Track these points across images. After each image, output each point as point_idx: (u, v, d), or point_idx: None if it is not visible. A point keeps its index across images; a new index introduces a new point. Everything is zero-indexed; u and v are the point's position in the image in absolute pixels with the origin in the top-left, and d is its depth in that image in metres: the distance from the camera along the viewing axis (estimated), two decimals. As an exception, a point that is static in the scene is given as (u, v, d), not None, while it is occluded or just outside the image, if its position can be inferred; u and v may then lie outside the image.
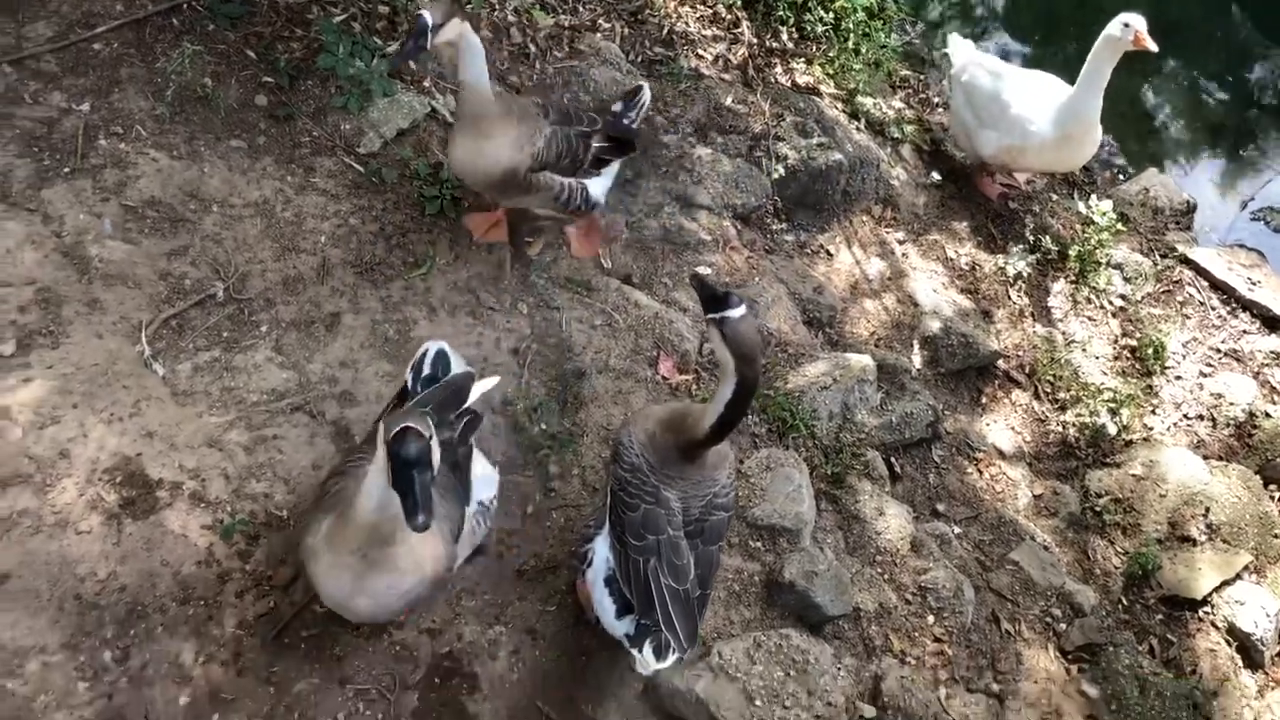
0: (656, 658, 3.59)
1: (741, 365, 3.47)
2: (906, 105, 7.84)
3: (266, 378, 4.56)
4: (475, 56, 4.42)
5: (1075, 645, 5.22)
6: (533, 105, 4.83)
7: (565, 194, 4.93)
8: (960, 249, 7.02)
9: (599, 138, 4.95)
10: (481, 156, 4.68)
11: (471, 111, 4.58)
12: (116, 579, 3.91)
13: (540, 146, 4.75)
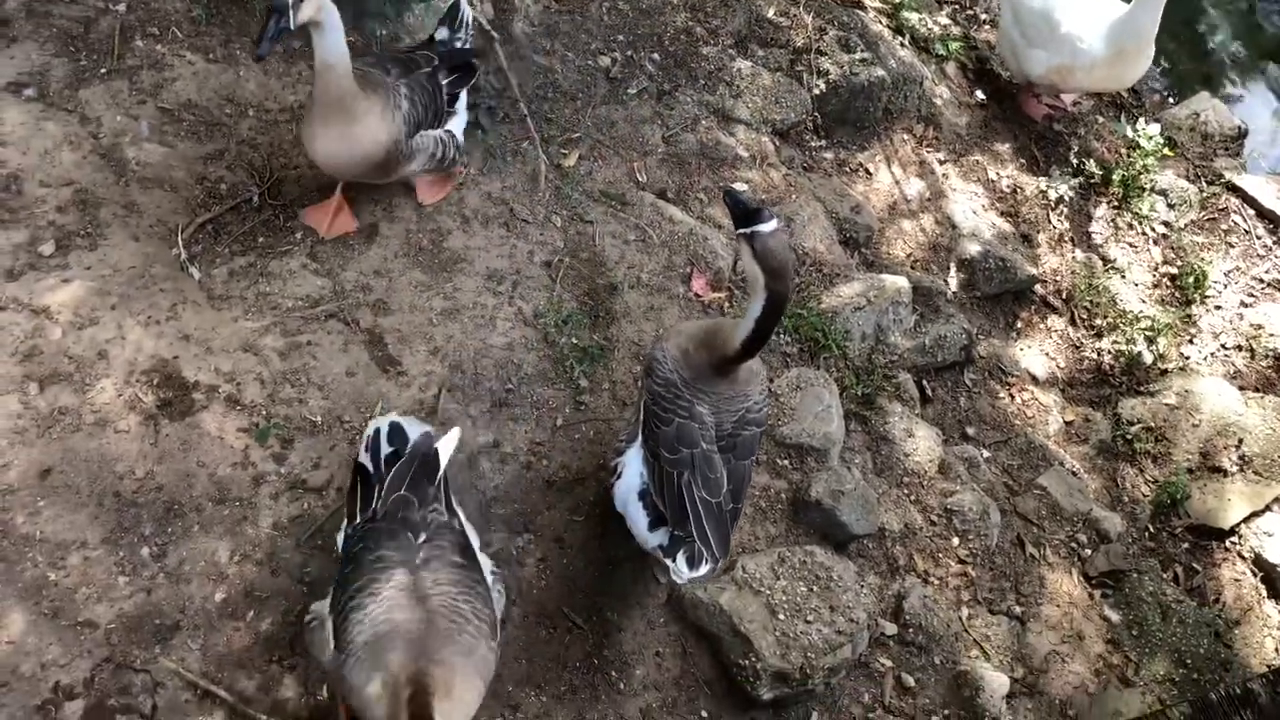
0: (690, 567, 3.64)
1: (771, 280, 3.45)
2: (953, 21, 7.64)
3: (301, 284, 4.58)
4: (337, 33, 4.02)
5: (1099, 571, 5.24)
6: (370, 67, 4.44)
7: (441, 149, 4.66)
8: (1002, 171, 6.90)
9: (443, 72, 4.65)
10: (356, 143, 4.27)
11: (333, 96, 4.15)
12: (154, 478, 3.99)
13: (406, 108, 4.42)
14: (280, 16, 3.80)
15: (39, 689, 3.56)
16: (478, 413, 4.48)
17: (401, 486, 3.36)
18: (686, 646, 4.24)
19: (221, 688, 3.68)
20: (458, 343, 4.62)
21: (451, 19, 4.89)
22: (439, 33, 4.85)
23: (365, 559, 3.19)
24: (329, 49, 4.04)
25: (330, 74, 4.10)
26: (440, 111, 4.62)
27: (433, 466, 3.45)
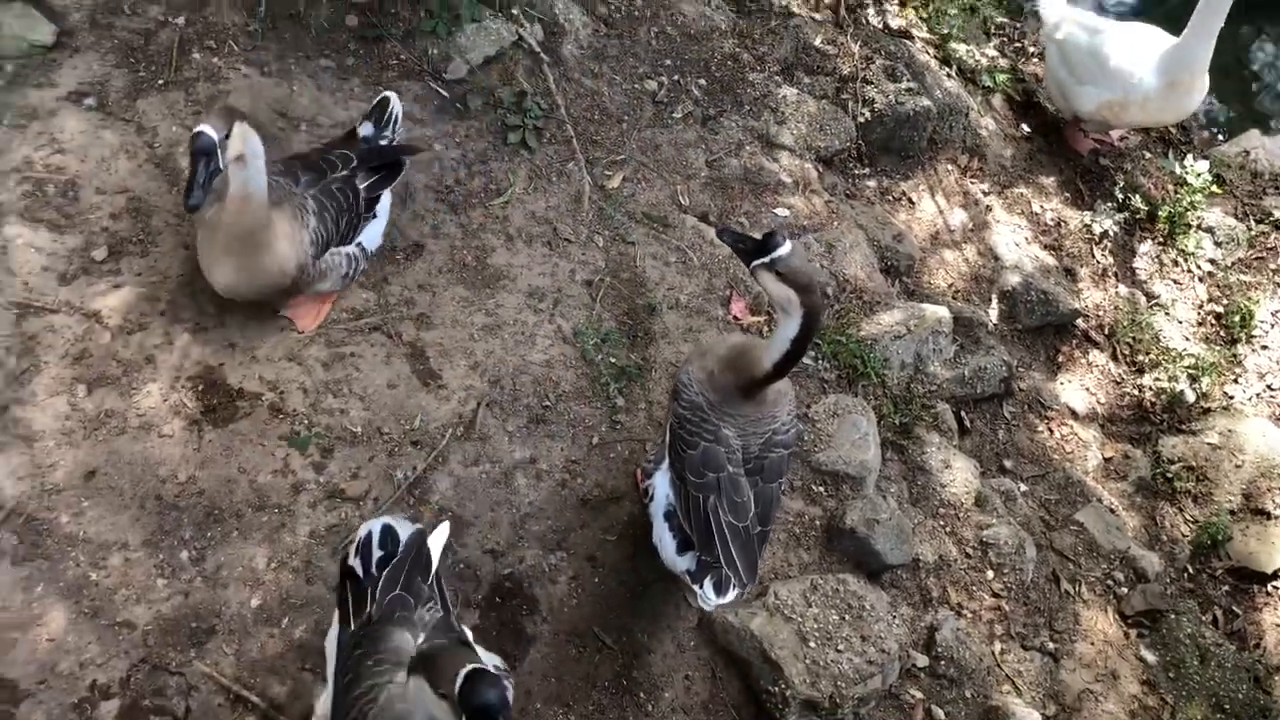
0: (717, 593, 3.63)
1: (805, 297, 3.44)
2: (1000, 53, 7.63)
3: (347, 296, 4.64)
4: (259, 161, 3.76)
5: (1136, 610, 5.18)
6: (278, 174, 4.12)
7: (353, 266, 4.38)
8: (1046, 204, 6.87)
9: (362, 175, 4.32)
10: (260, 273, 4.00)
11: (242, 226, 3.87)
12: (196, 483, 4.05)
13: (315, 226, 4.11)
14: (209, 159, 3.57)
15: (76, 687, 3.62)
16: (515, 428, 4.51)
17: (396, 586, 3.27)
18: (716, 671, 4.23)
19: (254, 693, 3.72)
20: (498, 358, 4.66)
21: (378, 114, 4.58)
22: (362, 128, 4.54)
23: (364, 665, 3.12)
24: (250, 180, 3.77)
25: (245, 204, 3.83)
26: (356, 219, 4.30)
27: (426, 562, 3.39)
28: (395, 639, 3.16)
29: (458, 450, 4.40)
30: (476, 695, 2.45)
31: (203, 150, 3.55)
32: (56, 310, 4.26)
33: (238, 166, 3.71)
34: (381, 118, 4.58)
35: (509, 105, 5.38)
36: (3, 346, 4.14)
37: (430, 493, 4.27)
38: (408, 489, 4.24)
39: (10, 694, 3.56)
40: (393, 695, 3.01)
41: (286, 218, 4.03)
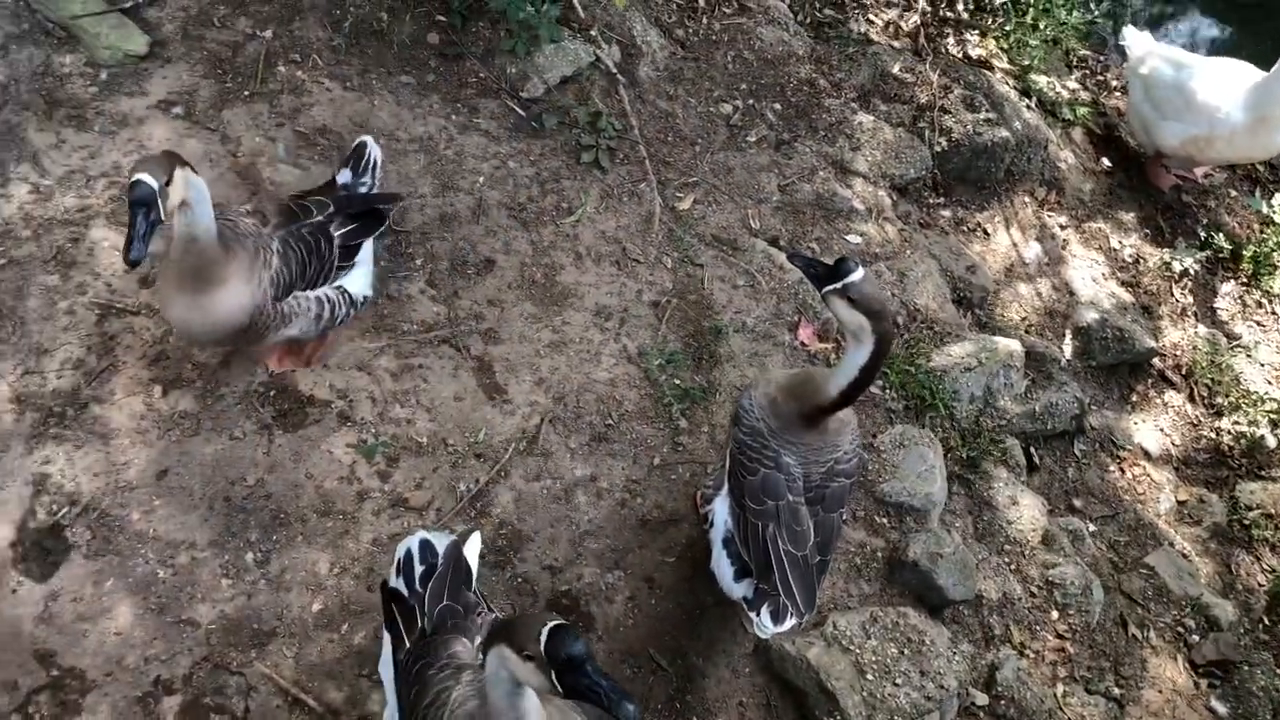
0: (774, 621, 3.59)
1: (877, 323, 3.39)
2: (1082, 86, 7.53)
3: (418, 309, 4.70)
4: (205, 205, 3.54)
5: (1207, 659, 5.02)
6: (244, 215, 3.98)
7: (327, 309, 4.12)
8: (1125, 240, 6.74)
9: (338, 222, 4.12)
10: (212, 310, 3.75)
11: (191, 263, 3.65)
12: (264, 486, 4.12)
13: (277, 266, 3.90)
14: (148, 210, 3.26)
15: (141, 681, 3.69)
16: (577, 445, 4.52)
17: (443, 598, 3.34)
18: (771, 699, 4.19)
19: (311, 697, 3.76)
20: (562, 375, 4.68)
21: (355, 161, 4.39)
22: (340, 175, 4.35)
23: (427, 674, 3.15)
24: (195, 223, 3.54)
25: (193, 245, 3.61)
26: (328, 267, 4.08)
27: (467, 572, 3.45)
28: (453, 646, 3.19)
29: (520, 465, 4.42)
30: (564, 647, 2.49)
31: (140, 201, 3.24)
32: (137, 312, 4.37)
33: (182, 211, 3.48)
34: (359, 164, 4.37)
35: (584, 125, 5.42)
36: (84, 345, 4.25)
37: (491, 506, 4.30)
38: (469, 501, 4.27)
39: (79, 683, 3.64)
40: (461, 696, 3.04)
41: (244, 256, 3.81)
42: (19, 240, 4.43)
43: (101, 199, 4.59)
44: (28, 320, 4.26)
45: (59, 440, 4.05)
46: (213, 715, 3.68)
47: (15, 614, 3.72)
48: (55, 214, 4.52)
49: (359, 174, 4.37)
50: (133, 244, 3.25)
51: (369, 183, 4.39)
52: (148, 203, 3.24)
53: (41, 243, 4.44)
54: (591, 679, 2.49)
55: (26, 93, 4.77)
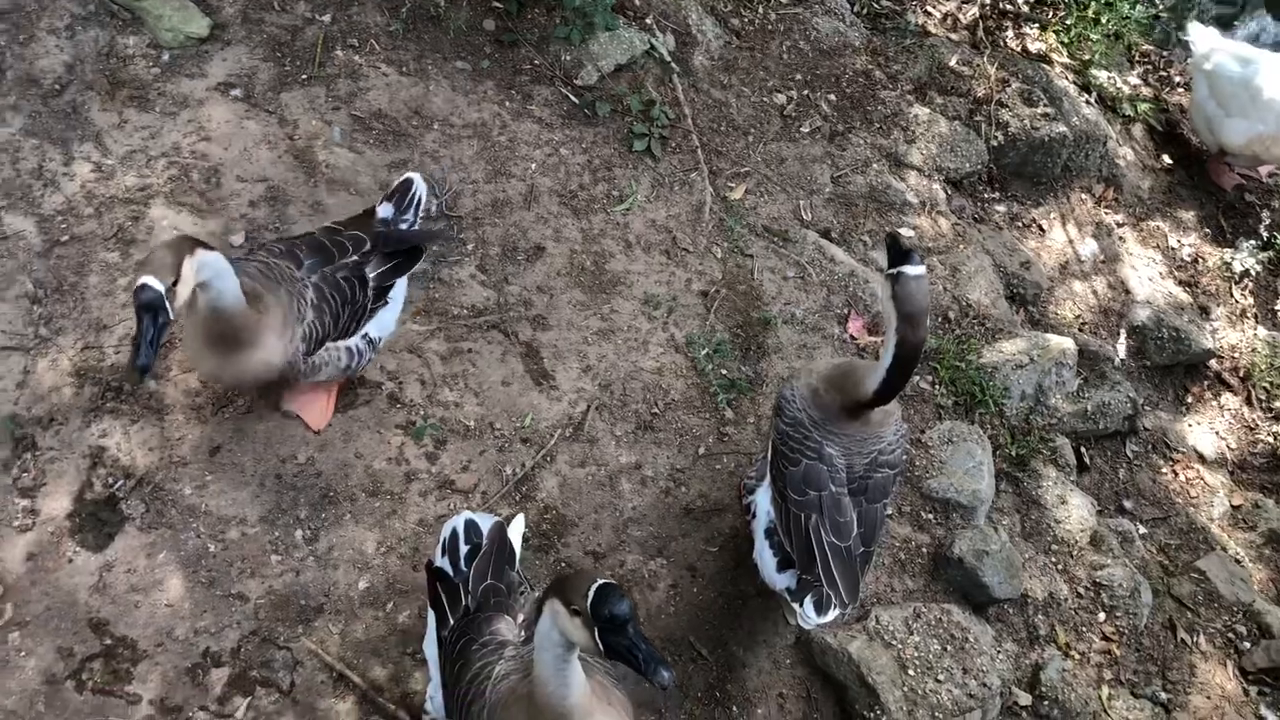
0: (817, 612, 3.58)
1: (904, 325, 3.37)
2: (1144, 82, 7.40)
3: (468, 293, 4.74)
4: (226, 278, 3.39)
5: (1258, 667, 4.93)
6: (276, 254, 3.82)
7: (355, 359, 4.01)
8: (1183, 239, 6.62)
9: (374, 261, 3.95)
10: (245, 368, 3.67)
11: (219, 329, 3.53)
12: (314, 465, 4.17)
13: (311, 320, 3.77)
14: (156, 314, 3.08)
15: (190, 652, 3.76)
16: (622, 433, 4.54)
17: (486, 577, 3.37)
18: (811, 691, 4.18)
19: (356, 673, 3.81)
20: (610, 363, 4.70)
21: (400, 197, 4.15)
22: (381, 209, 4.12)
23: (471, 650, 3.20)
24: (220, 297, 3.42)
25: (220, 314, 3.48)
26: (361, 312, 3.93)
27: (510, 552, 3.49)
28: (495, 624, 3.22)
29: (565, 451, 4.44)
30: (608, 605, 2.51)
31: (147, 306, 3.07)
32: (194, 290, 4.44)
33: (203, 290, 3.35)
34: (404, 200, 4.16)
35: (636, 113, 5.43)
36: (143, 322, 4.33)
37: (537, 490, 4.32)
38: (515, 485, 4.30)
39: (131, 653, 3.72)
40: (503, 671, 3.07)
41: (276, 312, 3.65)
42: (81, 218, 4.52)
43: (161, 179, 4.67)
44: (88, 296, 4.35)
45: (116, 415, 4.13)
46: (259, 688, 3.75)
47: (71, 583, 3.80)
48: (116, 193, 4.60)
49: (402, 210, 4.14)
50: (140, 350, 3.07)
51: (411, 219, 4.16)
52: (155, 307, 3.06)
53: (103, 220, 4.53)
54: (631, 640, 2.51)
55: (91, 73, 4.85)
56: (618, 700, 3.04)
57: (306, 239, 3.94)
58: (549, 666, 2.71)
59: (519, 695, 2.96)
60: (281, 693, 3.75)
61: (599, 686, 2.98)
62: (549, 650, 2.68)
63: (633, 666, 2.52)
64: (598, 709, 2.88)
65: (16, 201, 4.51)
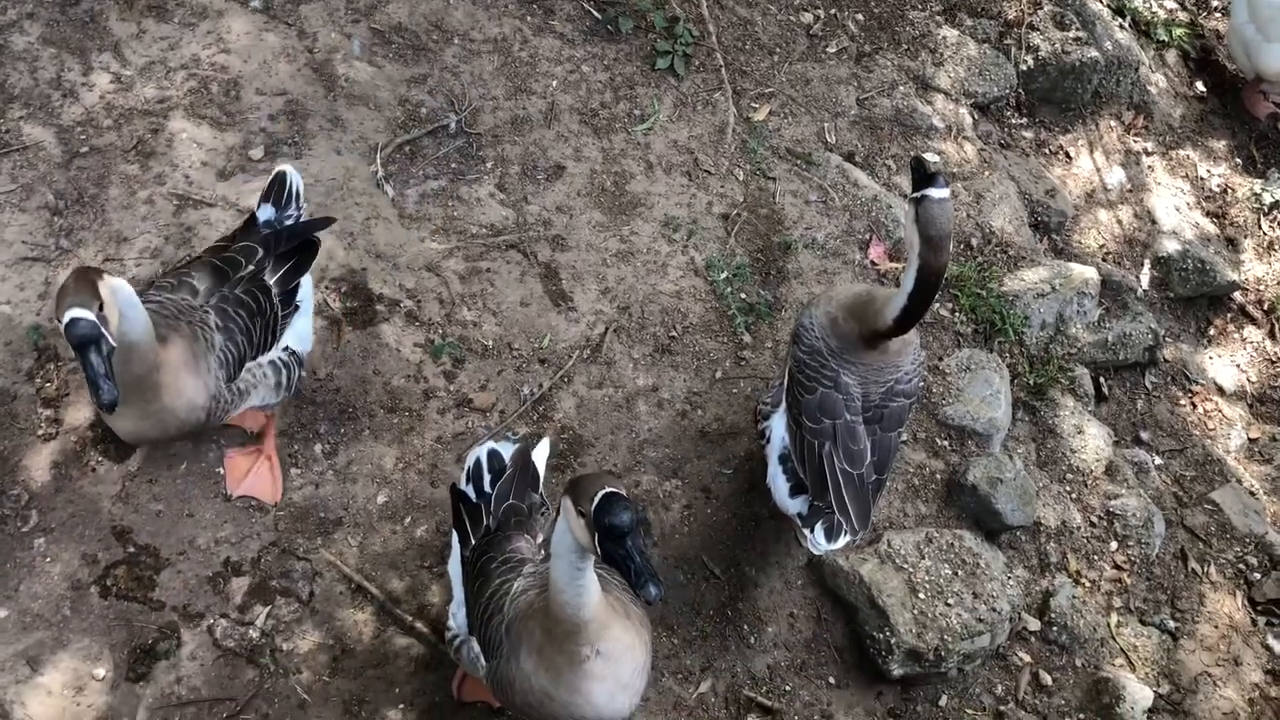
0: (828, 539, 3.61)
1: (925, 249, 3.32)
2: (1180, 6, 7.21)
3: (487, 212, 4.72)
4: (135, 307, 3.10)
5: (1268, 598, 4.96)
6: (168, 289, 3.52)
7: (284, 373, 3.73)
8: (1213, 169, 6.51)
9: (271, 266, 3.65)
10: (166, 416, 3.35)
11: (134, 373, 3.20)
12: (333, 380, 4.20)
13: (221, 343, 3.47)
14: (98, 344, 2.86)
15: (211, 561, 3.83)
16: (640, 356, 4.54)
17: (509, 497, 3.40)
18: (822, 612, 4.24)
19: (374, 585, 3.88)
20: (628, 285, 4.68)
21: (277, 193, 3.81)
22: (261, 211, 3.79)
23: (491, 567, 3.24)
24: (132, 329, 3.11)
25: (132, 352, 3.16)
26: (273, 322, 3.64)
27: (534, 475, 3.51)
28: (515, 542, 3.27)
29: (583, 372, 4.46)
30: (610, 515, 2.48)
31: (85, 340, 2.84)
32: (214, 204, 4.44)
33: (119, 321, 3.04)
34: (282, 195, 3.82)
35: (660, 30, 5.34)
36: (162, 235, 4.34)
37: (554, 411, 4.35)
38: (533, 405, 4.33)
39: (153, 560, 3.79)
40: (522, 587, 3.13)
41: (183, 347, 3.36)
42: (100, 129, 4.50)
43: (180, 91, 4.64)
44: (108, 208, 4.35)
45: (137, 327, 4.15)
46: (279, 597, 3.82)
47: (95, 492, 3.86)
48: (136, 104, 4.58)
49: (283, 207, 3.81)
50: (100, 386, 2.86)
51: (294, 213, 3.83)
52: (93, 339, 2.84)
53: (122, 132, 4.51)
54: (627, 551, 2.51)
55: (108, -18, 4.80)
56: (635, 615, 3.09)
57: (195, 265, 3.63)
58: (564, 576, 2.74)
59: (536, 609, 3.01)
60: (301, 602, 3.83)
61: (616, 601, 3.02)
62: (564, 557, 2.70)
63: (625, 577, 2.53)
64: (614, 622, 2.92)
65: (35, 111, 4.49)
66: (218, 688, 3.65)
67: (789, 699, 4.06)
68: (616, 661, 2.92)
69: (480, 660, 3.19)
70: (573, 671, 2.89)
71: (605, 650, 2.89)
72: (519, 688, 3.02)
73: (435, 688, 3.78)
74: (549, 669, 2.93)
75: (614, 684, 2.93)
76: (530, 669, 2.97)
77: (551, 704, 2.97)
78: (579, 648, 2.85)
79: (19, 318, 4.10)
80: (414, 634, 3.83)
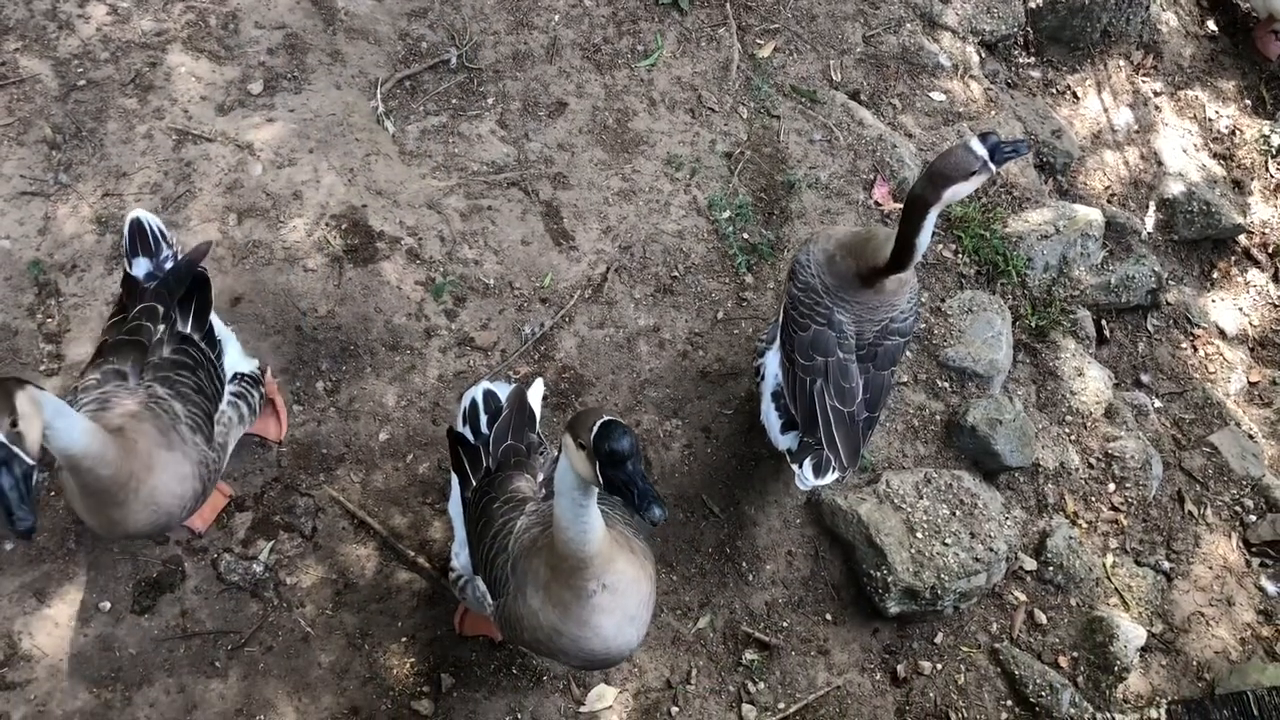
0: (815, 474, 3.63)
1: (922, 182, 3.33)
2: (1193, -58, 7.09)
3: (488, 149, 4.68)
4: (66, 417, 2.82)
5: (1262, 540, 5.00)
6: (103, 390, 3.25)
7: (249, 399, 3.62)
8: (1222, 110, 6.44)
9: (178, 318, 3.43)
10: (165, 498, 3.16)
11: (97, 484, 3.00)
12: (334, 317, 4.20)
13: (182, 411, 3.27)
14: (9, 464, 2.56)
15: (216, 495, 3.86)
16: (641, 295, 4.53)
17: (506, 438, 3.41)
18: (820, 550, 4.27)
19: (376, 520, 3.91)
20: (630, 225, 4.66)
21: (142, 242, 3.53)
22: (136, 267, 3.51)
23: (493, 507, 3.26)
24: (69, 444, 2.86)
25: (83, 464, 2.93)
26: (211, 366, 3.47)
27: (530, 415, 3.52)
28: (516, 482, 3.29)
29: (584, 312, 4.45)
30: (609, 441, 2.50)
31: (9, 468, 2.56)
32: (213, 139, 4.41)
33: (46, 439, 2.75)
34: (147, 244, 3.54)
35: (664, -35, 5.25)
36: (162, 170, 4.31)
37: (555, 350, 4.35)
38: (534, 344, 4.33)
39: (156, 496, 3.81)
40: (525, 524, 3.16)
41: (147, 430, 3.14)
42: (98, 62, 4.46)
43: (179, 23, 4.58)
44: (106, 143, 4.32)
45: (138, 263, 4.14)
46: (282, 532, 3.86)
47: (98, 427, 3.87)
48: (133, 37, 4.52)
49: (155, 254, 3.54)
50: (13, 514, 2.55)
51: (169, 254, 3.58)
52: (3, 460, 2.54)
53: (120, 66, 4.46)
54: (629, 476, 2.52)
55: (103, -89, 4.72)
56: (638, 548, 3.12)
57: (107, 351, 3.37)
58: (568, 513, 2.76)
59: (540, 546, 3.03)
60: (304, 537, 3.86)
61: (619, 535, 3.05)
62: (567, 494, 2.73)
63: (627, 501, 2.55)
64: (619, 556, 2.95)
65: (31, 44, 4.44)
66: (222, 621, 3.70)
67: (786, 635, 4.11)
68: (623, 594, 2.96)
69: (487, 599, 3.23)
70: (580, 606, 2.93)
71: (611, 584, 2.92)
72: (528, 624, 3.06)
73: (437, 621, 3.83)
74: (556, 604, 2.96)
75: (621, 616, 2.98)
76: (538, 605, 3.01)
77: (560, 638, 3.01)
78: (585, 583, 2.89)
79: (19, 253, 4.09)
80: (416, 569, 3.87)
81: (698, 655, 4.01)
